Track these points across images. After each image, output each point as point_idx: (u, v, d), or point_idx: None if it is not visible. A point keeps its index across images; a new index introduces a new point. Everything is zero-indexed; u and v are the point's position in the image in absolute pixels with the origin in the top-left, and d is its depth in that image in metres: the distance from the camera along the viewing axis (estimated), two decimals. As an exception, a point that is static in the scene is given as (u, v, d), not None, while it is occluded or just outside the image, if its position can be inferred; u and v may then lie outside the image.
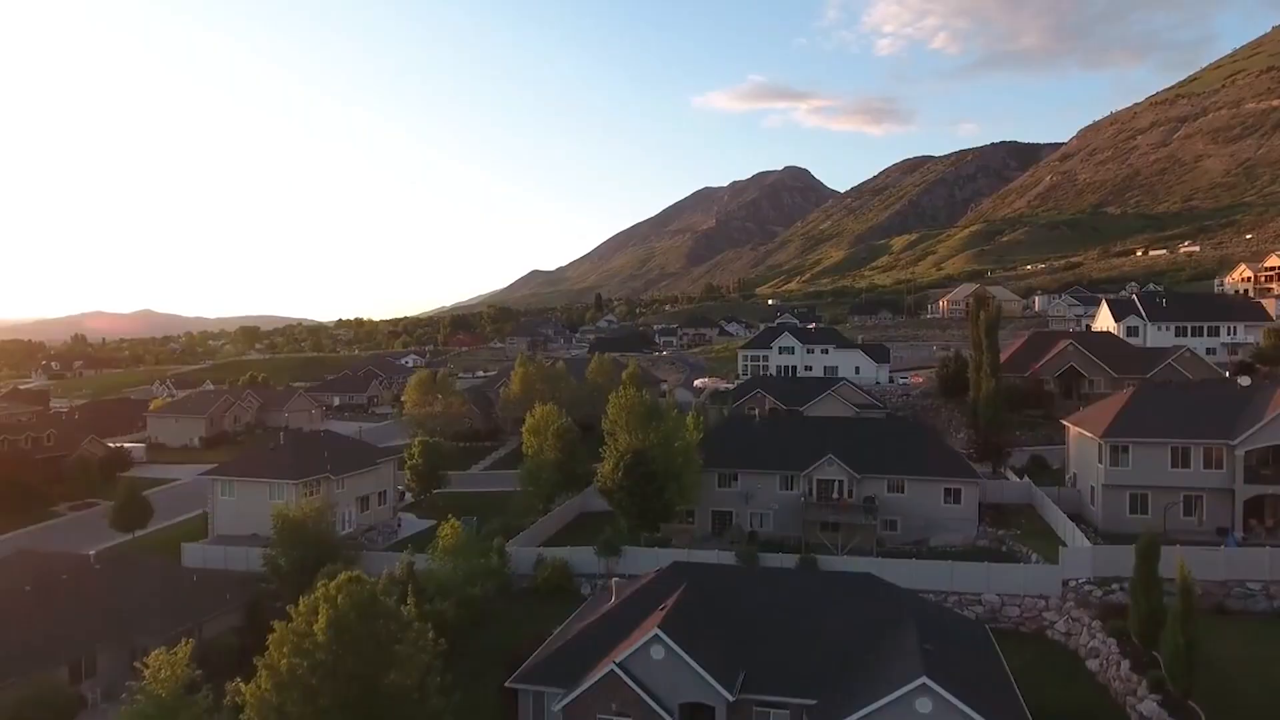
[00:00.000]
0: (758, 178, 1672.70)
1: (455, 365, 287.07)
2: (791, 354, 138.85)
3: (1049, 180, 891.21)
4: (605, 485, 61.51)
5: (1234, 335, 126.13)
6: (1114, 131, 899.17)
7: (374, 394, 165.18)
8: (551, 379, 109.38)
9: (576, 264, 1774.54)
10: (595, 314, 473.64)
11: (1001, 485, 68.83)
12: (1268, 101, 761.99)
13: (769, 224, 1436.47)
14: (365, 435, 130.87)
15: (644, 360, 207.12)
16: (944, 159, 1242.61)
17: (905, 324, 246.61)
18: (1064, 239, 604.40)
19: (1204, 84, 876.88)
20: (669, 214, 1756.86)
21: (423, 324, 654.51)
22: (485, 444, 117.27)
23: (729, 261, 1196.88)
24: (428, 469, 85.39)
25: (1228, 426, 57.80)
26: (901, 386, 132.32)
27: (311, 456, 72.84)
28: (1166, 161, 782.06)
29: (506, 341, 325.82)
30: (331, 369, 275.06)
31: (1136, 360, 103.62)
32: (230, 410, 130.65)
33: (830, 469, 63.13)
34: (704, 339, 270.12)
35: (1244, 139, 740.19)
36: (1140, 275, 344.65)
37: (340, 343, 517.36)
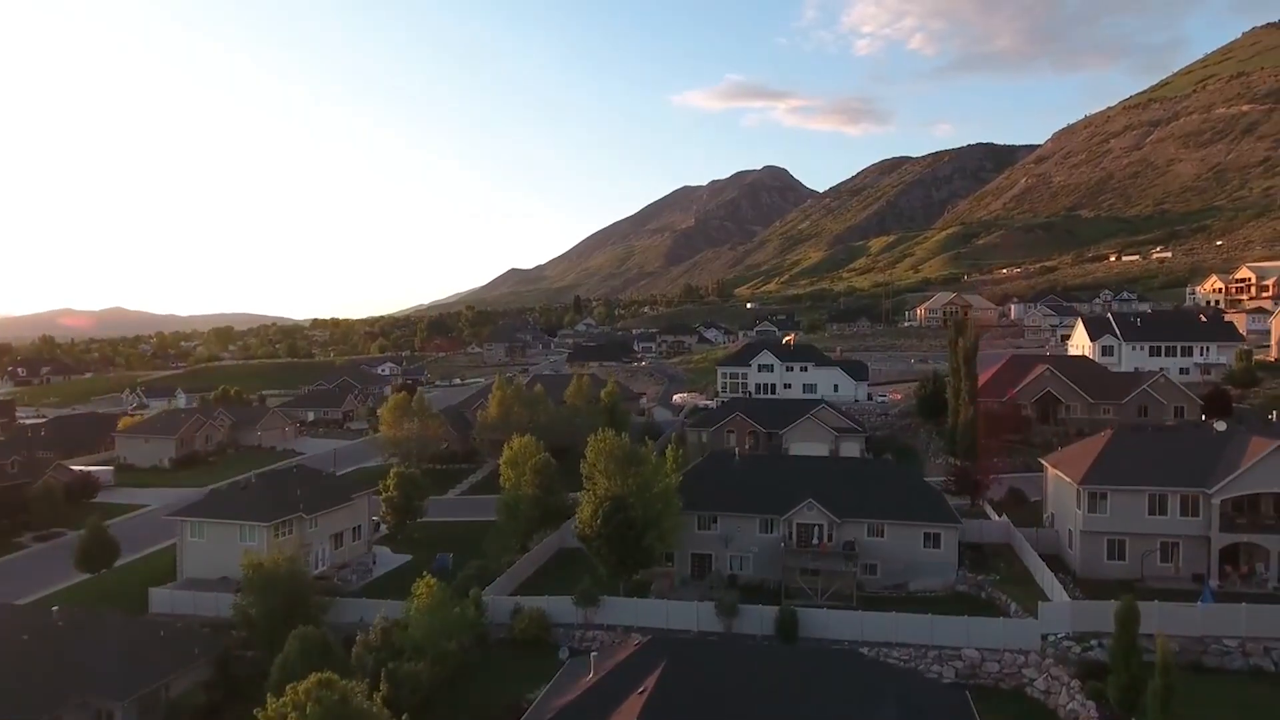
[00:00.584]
0: (737, 177, 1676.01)
1: (432, 372, 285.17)
2: (770, 371, 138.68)
3: (1024, 182, 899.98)
4: (584, 532, 60.74)
5: (1206, 355, 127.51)
6: (1088, 135, 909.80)
7: (349, 408, 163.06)
8: (529, 402, 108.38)
9: (555, 263, 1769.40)
10: (574, 317, 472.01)
11: (980, 525, 68.84)
12: (1237, 107, 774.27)
13: (748, 223, 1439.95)
14: (340, 455, 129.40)
15: (622, 371, 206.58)
16: (921, 160, 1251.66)
17: (883, 332, 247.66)
18: (1039, 242, 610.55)
19: (1175, 88, 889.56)
20: (648, 213, 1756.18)
21: (400, 324, 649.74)
22: (462, 466, 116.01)
23: (708, 261, 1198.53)
24: (403, 501, 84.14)
25: (1204, 474, 58.07)
26: (880, 405, 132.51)
27: (283, 495, 71.39)
28: (1139, 165, 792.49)
29: (484, 347, 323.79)
30: (307, 376, 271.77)
31: (1112, 386, 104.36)
32: (202, 430, 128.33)
33: (810, 513, 62.75)
34: (683, 347, 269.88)
35: (1214, 143, 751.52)
36: (1113, 282, 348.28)
37: (316, 344, 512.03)
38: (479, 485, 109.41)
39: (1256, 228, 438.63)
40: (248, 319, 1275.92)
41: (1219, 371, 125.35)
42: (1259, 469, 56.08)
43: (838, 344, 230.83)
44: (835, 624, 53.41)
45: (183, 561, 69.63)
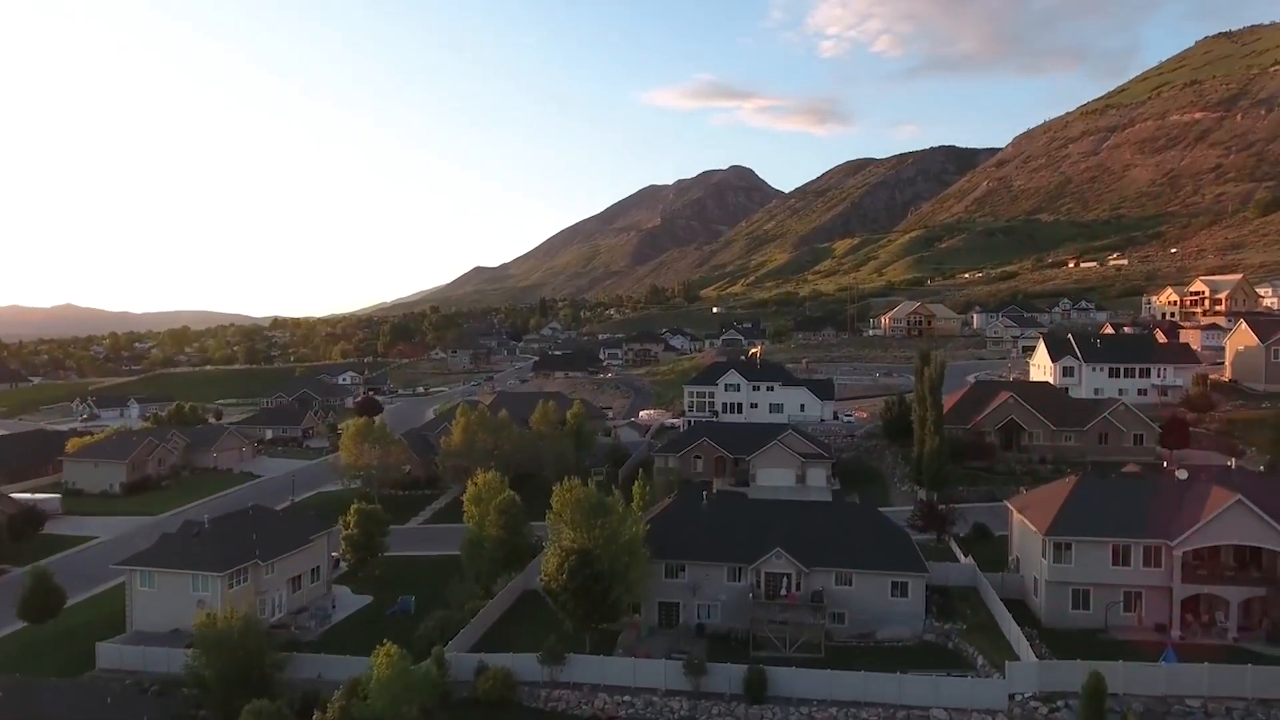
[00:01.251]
0: (703, 176, 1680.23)
1: (395, 380, 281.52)
2: (737, 391, 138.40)
3: (986, 186, 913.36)
4: (549, 586, 59.53)
5: (1164, 377, 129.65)
6: (1047, 139, 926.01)
7: (309, 425, 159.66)
8: (493, 428, 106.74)
9: (521, 260, 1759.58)
10: (539, 320, 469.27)
11: (947, 568, 68.89)
12: (1190, 114, 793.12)
13: (714, 223, 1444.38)
14: (299, 478, 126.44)
15: (588, 384, 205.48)
16: (885, 162, 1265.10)
17: (848, 342, 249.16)
18: (1000, 246, 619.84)
19: (1131, 95, 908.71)
20: (614, 211, 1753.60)
21: (363, 324, 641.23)
22: (425, 492, 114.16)
23: (674, 261, 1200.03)
24: (364, 539, 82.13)
25: (1165, 524, 58.53)
26: (846, 425, 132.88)
27: (238, 542, 69.19)
28: (1096, 170, 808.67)
29: (449, 353, 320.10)
30: (266, 384, 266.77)
31: (1074, 413, 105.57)
32: (154, 453, 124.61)
33: (778, 562, 62.22)
34: (649, 355, 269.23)
35: (1168, 150, 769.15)
36: (1073, 290, 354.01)
37: (275, 347, 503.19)
38: (442, 513, 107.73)
39: (1209, 236, 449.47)
40: (205, 317, 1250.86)
41: (1176, 393, 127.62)
42: (1219, 522, 56.63)
43: (803, 354, 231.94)
44: (804, 683, 52.89)
45: (132, 612, 67.13)
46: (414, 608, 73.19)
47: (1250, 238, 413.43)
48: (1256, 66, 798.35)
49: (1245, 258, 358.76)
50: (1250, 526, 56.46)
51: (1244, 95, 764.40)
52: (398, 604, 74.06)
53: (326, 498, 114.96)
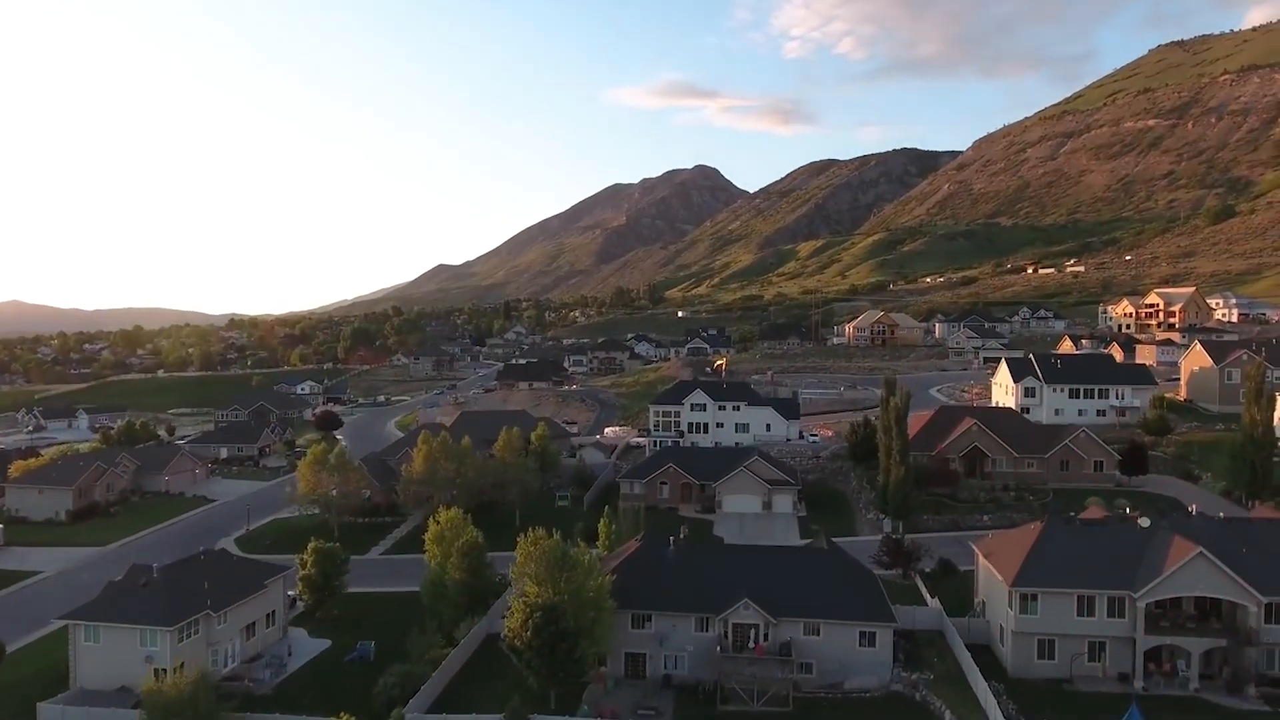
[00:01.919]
0: (668, 175, 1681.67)
1: (355, 388, 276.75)
2: (703, 411, 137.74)
3: (947, 189, 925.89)
4: (514, 643, 58.08)
5: (1122, 399, 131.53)
6: (1006, 144, 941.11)
7: (266, 443, 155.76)
8: (456, 456, 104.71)
9: (485, 258, 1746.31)
10: (504, 324, 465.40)
11: (914, 612, 68.74)
12: (1143, 121, 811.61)
13: (679, 222, 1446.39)
14: (255, 503, 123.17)
15: (553, 396, 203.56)
16: (849, 163, 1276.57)
17: (813, 352, 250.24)
18: (960, 250, 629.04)
19: (1087, 101, 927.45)
20: (579, 209, 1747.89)
21: (323, 325, 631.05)
22: (385, 519, 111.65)
23: (639, 260, 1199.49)
24: (321, 579, 79.80)
25: (1129, 574, 58.85)
26: (811, 445, 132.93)
27: (188, 591, 66.60)
28: (1053, 175, 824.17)
29: (411, 359, 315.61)
30: (221, 393, 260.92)
31: (1036, 439, 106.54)
32: (103, 478, 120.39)
33: (746, 613, 61.47)
34: (615, 364, 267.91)
35: (1123, 156, 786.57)
36: (1031, 297, 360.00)
37: (232, 348, 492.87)
38: (404, 541, 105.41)
39: (1162, 243, 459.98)
40: (159, 314, 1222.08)
41: (1134, 414, 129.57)
42: (1181, 574, 57.03)
43: (768, 365, 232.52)
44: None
45: (76, 669, 64.30)
46: (374, 653, 71.27)
47: (1201, 245, 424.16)
48: (1207, 75, 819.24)
49: (1197, 266, 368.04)
50: (1211, 578, 56.93)
51: (1195, 103, 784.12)
52: (356, 650, 72.02)
53: (283, 526, 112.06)
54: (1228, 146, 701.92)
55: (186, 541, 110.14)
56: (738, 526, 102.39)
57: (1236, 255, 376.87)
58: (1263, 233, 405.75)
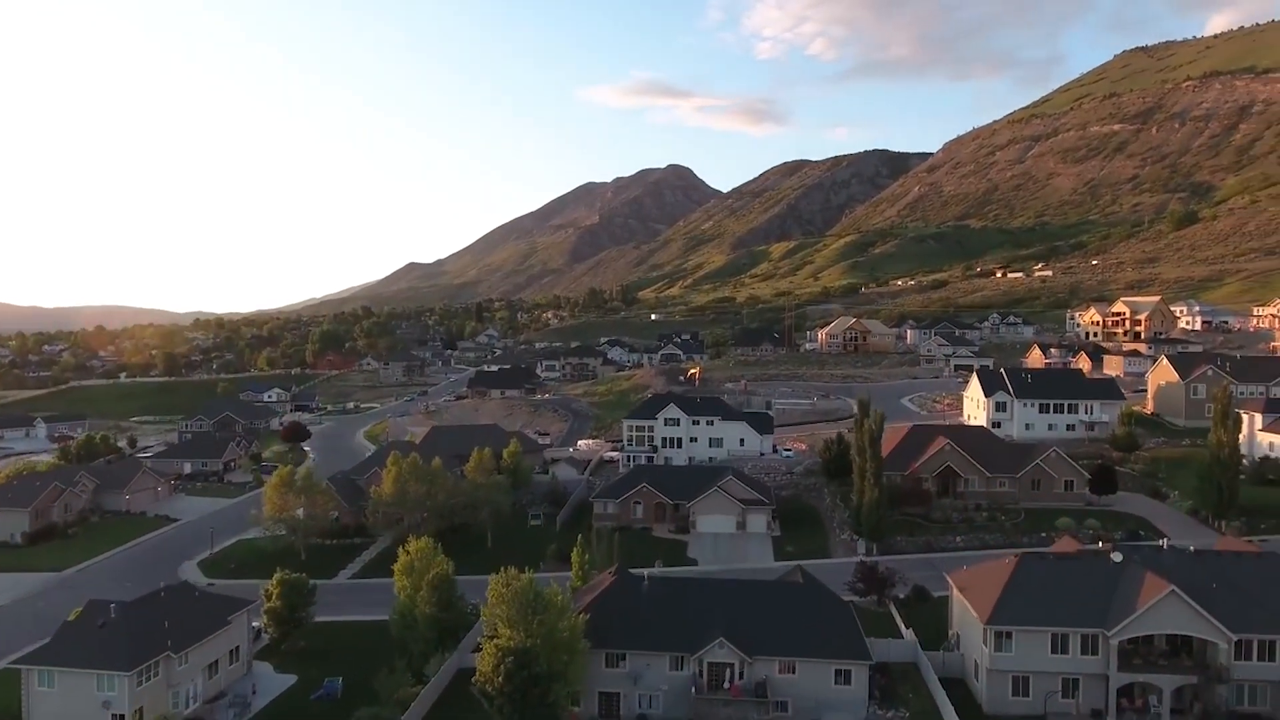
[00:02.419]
0: (641, 175, 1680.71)
1: (324, 394, 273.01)
2: (677, 425, 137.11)
3: (917, 190, 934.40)
4: (485, 688, 56.89)
5: (1091, 414, 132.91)
6: (976, 146, 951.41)
7: (231, 457, 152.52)
8: (427, 478, 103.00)
9: (456, 257, 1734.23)
10: (476, 326, 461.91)
11: (889, 645, 68.48)
12: (1109, 126, 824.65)
13: (652, 221, 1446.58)
14: (219, 523, 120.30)
15: (525, 405, 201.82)
16: (821, 164, 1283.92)
17: (786, 359, 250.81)
18: (931, 252, 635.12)
19: (1055, 106, 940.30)
20: (552, 208, 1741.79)
21: (291, 326, 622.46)
22: (354, 541, 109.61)
23: (612, 260, 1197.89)
24: (287, 611, 77.90)
25: (1102, 611, 59.00)
26: (785, 460, 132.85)
27: (148, 631, 64.51)
28: (1022, 178, 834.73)
29: (381, 364, 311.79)
30: (185, 399, 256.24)
31: (1008, 459, 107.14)
32: (61, 499, 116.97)
33: (721, 652, 60.81)
34: (587, 370, 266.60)
35: (1089, 160, 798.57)
36: (1001, 301, 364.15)
37: (197, 350, 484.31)
38: (373, 564, 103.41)
39: (1127, 248, 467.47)
40: (122, 313, 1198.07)
41: (1103, 429, 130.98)
42: (1153, 612, 57.24)
43: (741, 372, 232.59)
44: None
45: (29, 715, 62.02)
46: (341, 691, 69.67)
47: (1165, 251, 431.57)
48: (1170, 81, 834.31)
49: (1161, 272, 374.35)
50: (1183, 616, 57.19)
51: (1159, 109, 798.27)
52: (323, 688, 70.32)
53: (249, 548, 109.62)
54: (1190, 152, 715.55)
55: (147, 565, 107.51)
56: (711, 547, 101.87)
57: (1199, 261, 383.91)
58: (1224, 239, 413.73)
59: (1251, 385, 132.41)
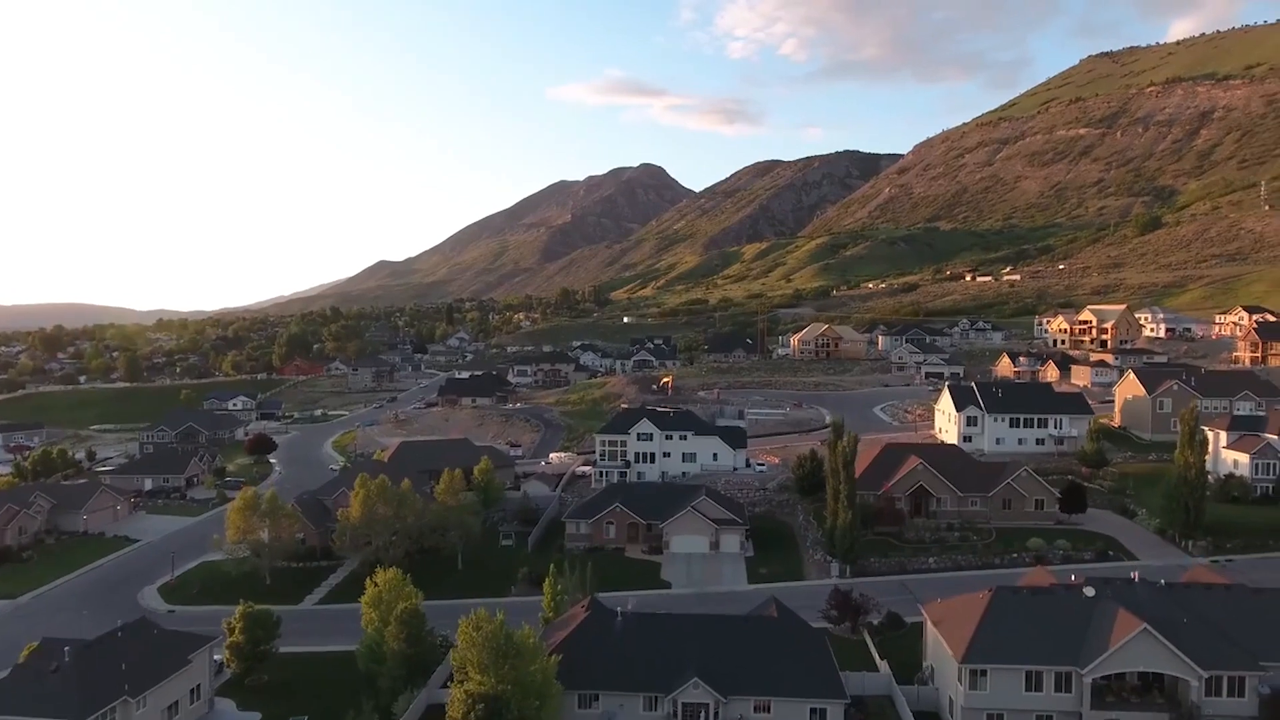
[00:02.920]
0: (614, 173, 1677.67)
1: (290, 401, 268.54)
2: (650, 440, 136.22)
3: (888, 192, 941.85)
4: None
5: (1060, 428, 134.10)
6: (945, 149, 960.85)
7: (194, 472, 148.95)
8: (395, 500, 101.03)
9: (426, 255, 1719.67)
10: (446, 329, 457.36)
11: (863, 678, 68.04)
12: (1075, 130, 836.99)
13: (624, 220, 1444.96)
14: (181, 545, 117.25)
15: (496, 415, 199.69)
16: (793, 164, 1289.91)
17: (759, 366, 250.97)
18: (901, 255, 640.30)
19: (1022, 109, 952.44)
20: (524, 206, 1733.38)
21: (257, 326, 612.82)
22: (321, 564, 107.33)
23: (584, 259, 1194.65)
24: (250, 645, 75.80)
25: (1075, 649, 58.97)
26: (758, 475, 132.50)
27: (104, 675, 62.16)
28: (990, 180, 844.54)
29: (350, 369, 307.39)
30: (147, 407, 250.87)
31: (980, 478, 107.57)
32: (14, 521, 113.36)
33: (696, 691, 59.97)
34: (559, 376, 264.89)
35: (1056, 163, 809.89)
36: (970, 306, 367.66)
37: (160, 351, 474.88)
38: (340, 589, 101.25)
39: (1093, 253, 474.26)
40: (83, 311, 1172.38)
41: (1072, 444, 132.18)
42: (1126, 650, 57.32)
43: (714, 379, 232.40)
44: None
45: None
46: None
47: (1130, 256, 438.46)
48: (1134, 86, 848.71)
49: (1126, 278, 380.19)
50: (1155, 654, 57.32)
51: (1123, 113, 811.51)
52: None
53: (212, 571, 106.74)
54: (1154, 156, 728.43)
55: (106, 591, 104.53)
56: (685, 569, 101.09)
57: (1163, 267, 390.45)
58: (1187, 245, 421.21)
59: (1215, 400, 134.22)
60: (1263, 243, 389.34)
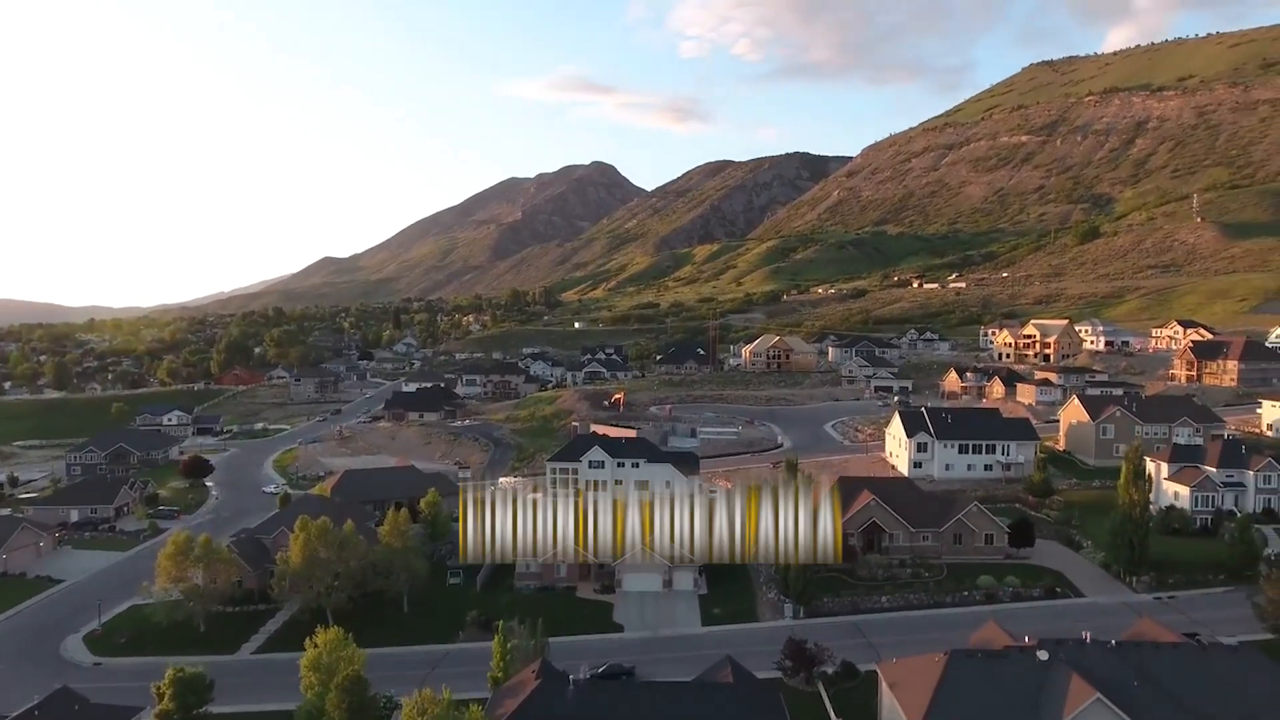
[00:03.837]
0: (565, 171, 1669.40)
1: (230, 413, 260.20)
2: (601, 468, 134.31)
3: (837, 194, 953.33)
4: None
5: (1008, 454, 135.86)
6: (892, 153, 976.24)
7: (124, 501, 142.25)
8: (338, 544, 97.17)
9: (373, 251, 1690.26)
10: (394, 333, 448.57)
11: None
12: (1017, 137, 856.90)
13: (575, 218, 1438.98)
14: (112, 581, 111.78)
15: (445, 434, 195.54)
16: (743, 165, 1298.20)
17: (710, 379, 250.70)
18: (850, 259, 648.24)
19: (967, 115, 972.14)
20: (474, 203, 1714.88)
21: (195, 327, 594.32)
22: (260, 608, 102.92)
23: (535, 258, 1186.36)
24: (181, 713, 71.84)
25: (1030, 718, 58.62)
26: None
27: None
28: (936, 185, 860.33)
29: (293, 378, 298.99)
30: (77, 421, 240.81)
31: (931, 513, 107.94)
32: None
33: (651, 772, 58.19)
34: (509, 387, 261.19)
35: (999, 169, 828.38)
36: (918, 315, 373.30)
37: (91, 354, 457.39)
38: (278, 637, 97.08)
39: (1034, 261, 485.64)
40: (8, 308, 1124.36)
41: (1018, 470, 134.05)
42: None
43: (666, 394, 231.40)
44: None
45: None
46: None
47: (1070, 265, 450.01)
48: (1073, 96, 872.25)
49: (1067, 287, 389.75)
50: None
51: (1063, 122, 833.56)
52: None
53: (143, 617, 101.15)
54: (1091, 164, 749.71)
55: (27, 641, 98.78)
56: (638, 610, 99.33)
57: (1101, 277, 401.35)
58: (1124, 255, 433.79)
59: (1155, 426, 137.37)
60: (1195, 254, 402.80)
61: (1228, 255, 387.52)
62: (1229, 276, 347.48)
